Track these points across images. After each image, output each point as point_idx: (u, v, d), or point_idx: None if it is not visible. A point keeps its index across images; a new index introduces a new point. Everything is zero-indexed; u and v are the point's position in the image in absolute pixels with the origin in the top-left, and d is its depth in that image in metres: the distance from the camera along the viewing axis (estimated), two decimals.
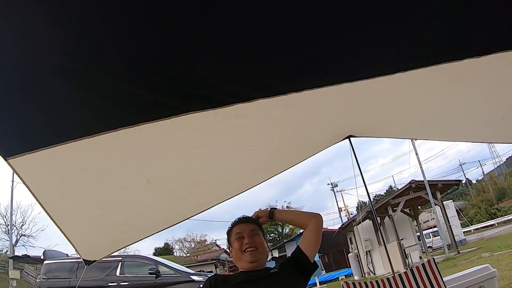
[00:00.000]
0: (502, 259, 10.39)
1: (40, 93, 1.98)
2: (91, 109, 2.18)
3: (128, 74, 2.01)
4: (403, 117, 3.66)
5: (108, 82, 2.02)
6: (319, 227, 2.31)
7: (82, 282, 10.35)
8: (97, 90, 2.06)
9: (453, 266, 12.30)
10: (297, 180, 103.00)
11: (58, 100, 2.06)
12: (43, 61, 1.82)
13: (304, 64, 2.21)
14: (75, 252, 3.83)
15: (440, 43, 2.26)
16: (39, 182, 2.65)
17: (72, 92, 2.03)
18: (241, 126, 2.83)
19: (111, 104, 2.19)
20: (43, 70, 1.86)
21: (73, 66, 1.87)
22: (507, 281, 6.76)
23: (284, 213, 2.52)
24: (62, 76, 1.91)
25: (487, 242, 19.67)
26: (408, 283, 3.45)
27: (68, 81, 1.96)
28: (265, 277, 2.12)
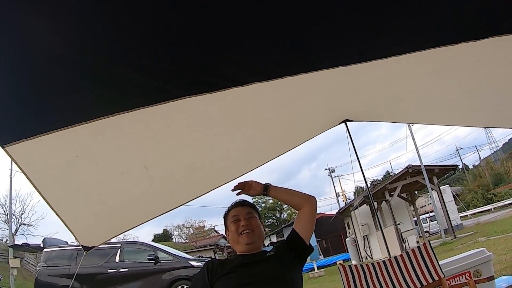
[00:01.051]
0: (498, 243, 10.48)
1: (36, 80, 1.98)
2: (87, 94, 2.18)
3: (124, 59, 2.01)
4: (399, 101, 3.67)
5: (104, 68, 2.03)
6: (314, 210, 2.32)
7: (81, 269, 10.42)
8: (93, 75, 2.07)
9: (449, 251, 12.41)
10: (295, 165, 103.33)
11: (54, 86, 2.06)
12: (40, 48, 1.82)
13: (300, 48, 2.21)
14: (74, 239, 3.85)
15: (435, 27, 2.26)
16: (37, 169, 2.66)
17: (67, 78, 2.03)
18: (237, 111, 2.84)
19: (107, 90, 2.19)
20: (39, 57, 1.86)
21: (69, 52, 1.87)
22: (502, 265, 6.82)
23: (279, 190, 2.48)
24: (58, 62, 1.91)
25: (484, 227, 19.81)
26: (404, 266, 3.48)
27: (64, 67, 1.96)
28: (262, 260, 2.13)
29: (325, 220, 30.04)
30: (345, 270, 3.43)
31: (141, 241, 15.44)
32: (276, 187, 2.43)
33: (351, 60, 2.41)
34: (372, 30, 2.20)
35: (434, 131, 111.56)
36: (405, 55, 2.43)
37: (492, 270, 4.71)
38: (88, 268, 11.15)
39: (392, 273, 3.45)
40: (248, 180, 2.41)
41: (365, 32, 2.21)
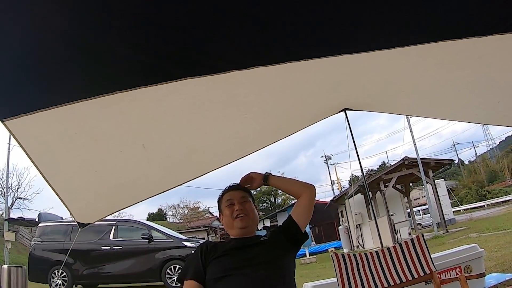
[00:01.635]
0: (490, 240, 10.56)
1: (38, 56, 1.98)
2: (88, 72, 2.18)
3: (127, 38, 2.00)
4: (399, 92, 3.67)
5: (106, 46, 2.02)
6: (312, 198, 2.34)
7: (76, 245, 10.49)
8: (95, 53, 2.06)
9: (441, 244, 12.51)
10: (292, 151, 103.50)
11: (55, 62, 2.05)
12: (43, 24, 1.81)
13: (303, 33, 2.20)
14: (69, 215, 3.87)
15: (440, 21, 2.25)
16: (35, 144, 2.66)
17: (69, 55, 2.02)
18: (237, 94, 2.83)
19: (109, 68, 2.18)
20: (42, 33, 1.85)
21: (72, 29, 1.86)
22: (493, 262, 6.88)
23: (278, 179, 2.53)
24: (60, 39, 1.91)
25: (476, 222, 19.94)
26: (396, 257, 3.51)
27: (66, 44, 1.95)
28: (255, 244, 2.15)
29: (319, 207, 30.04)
30: (338, 258, 3.46)
31: (136, 219, 15.52)
32: (276, 176, 2.47)
33: (354, 49, 2.40)
34: (376, 20, 2.19)
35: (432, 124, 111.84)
36: (408, 47, 2.42)
37: (483, 266, 4.77)
38: (82, 244, 11.24)
39: (384, 264, 3.48)
40: (249, 173, 2.44)
41: (369, 22, 2.20)
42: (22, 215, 28.64)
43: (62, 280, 11.46)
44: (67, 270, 11.45)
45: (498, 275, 5.30)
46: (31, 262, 11.48)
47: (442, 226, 19.17)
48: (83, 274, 11.57)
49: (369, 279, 3.39)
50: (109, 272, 11.64)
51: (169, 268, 11.30)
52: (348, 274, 3.39)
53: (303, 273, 11.72)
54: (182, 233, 18.46)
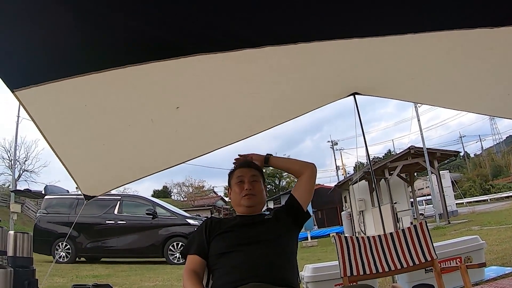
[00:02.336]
0: (491, 234, 10.56)
1: (49, 27, 1.98)
2: (100, 45, 2.18)
3: (139, 11, 2.00)
4: (409, 79, 3.64)
5: (118, 19, 2.02)
6: (313, 177, 2.37)
7: (80, 218, 10.59)
8: (107, 26, 2.06)
9: (442, 235, 12.53)
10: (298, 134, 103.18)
11: (67, 34, 2.06)
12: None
13: (316, 14, 2.18)
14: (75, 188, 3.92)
15: (454, 9, 2.22)
16: (45, 115, 2.68)
17: (80, 27, 2.03)
18: (248, 72, 2.83)
19: (120, 41, 2.18)
20: (54, 4, 1.85)
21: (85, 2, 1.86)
22: (493, 255, 6.89)
23: (279, 160, 2.57)
24: (72, 11, 1.91)
25: (478, 216, 19.93)
26: (399, 243, 3.52)
27: (78, 16, 1.95)
28: (260, 222, 2.19)
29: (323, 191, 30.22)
30: (340, 240, 3.48)
31: (141, 195, 15.65)
32: (276, 157, 2.50)
33: (367, 33, 2.38)
34: (390, 5, 2.17)
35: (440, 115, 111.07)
36: (421, 33, 2.40)
37: (483, 258, 4.78)
38: (87, 217, 11.38)
39: (386, 249, 3.50)
40: (248, 154, 2.48)
41: (383, 6, 2.18)
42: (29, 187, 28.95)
43: (65, 253, 11.65)
44: (71, 242, 11.63)
45: (498, 268, 5.33)
46: (35, 234, 11.57)
47: (444, 217, 19.18)
48: (86, 247, 11.75)
49: (370, 262, 3.41)
50: (112, 247, 11.82)
51: (172, 244, 11.44)
52: (349, 256, 3.42)
53: (304, 256, 11.82)
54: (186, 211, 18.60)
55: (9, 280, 4.22)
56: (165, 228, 11.77)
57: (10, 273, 4.27)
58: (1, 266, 4.22)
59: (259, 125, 3.89)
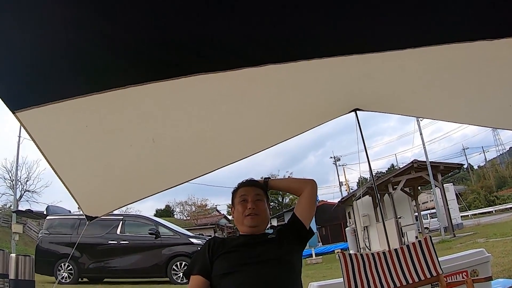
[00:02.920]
0: (497, 246, 10.48)
1: (51, 47, 1.99)
2: (100, 65, 2.19)
3: (141, 31, 2.00)
4: (410, 94, 3.64)
5: (120, 38, 2.03)
6: (314, 193, 2.35)
7: (83, 238, 10.58)
8: (108, 46, 2.07)
9: (448, 249, 12.44)
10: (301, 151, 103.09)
11: (68, 54, 2.06)
12: (55, 16, 1.81)
13: (316, 32, 2.20)
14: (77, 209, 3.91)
15: (453, 22, 2.23)
16: (46, 136, 2.67)
17: (81, 47, 2.03)
18: (249, 90, 2.83)
19: (121, 61, 2.19)
20: (55, 25, 1.86)
21: (85, 21, 1.87)
22: (500, 268, 6.83)
23: (278, 182, 2.57)
24: (73, 30, 1.91)
25: (484, 228, 19.82)
26: (404, 259, 3.49)
27: (79, 36, 1.96)
28: (263, 241, 2.16)
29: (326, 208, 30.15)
30: (345, 258, 3.45)
31: (143, 215, 15.60)
32: (275, 179, 2.50)
33: (366, 49, 2.39)
34: (389, 20, 2.18)
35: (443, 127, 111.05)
36: (420, 48, 2.40)
37: (490, 271, 4.72)
38: (89, 238, 11.33)
39: (391, 265, 3.46)
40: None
41: (382, 22, 2.19)
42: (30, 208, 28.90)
43: (68, 273, 11.57)
44: (74, 263, 11.56)
45: (505, 281, 5.25)
46: (38, 254, 11.58)
47: (449, 231, 19.07)
48: (89, 267, 11.68)
49: (375, 279, 3.38)
50: (115, 267, 11.73)
51: (175, 264, 11.36)
52: (354, 274, 3.39)
53: (309, 274, 11.71)
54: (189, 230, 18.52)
55: None
56: (168, 247, 11.70)
57: None
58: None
59: (261, 143, 3.88)
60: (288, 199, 54.29)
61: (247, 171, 16.46)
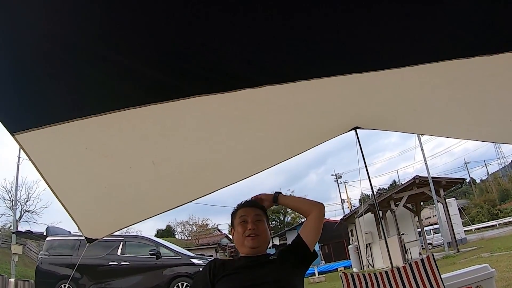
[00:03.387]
0: (502, 260, 10.38)
1: (49, 70, 1.99)
2: (99, 87, 2.19)
3: (139, 53, 2.01)
4: (410, 111, 3.64)
5: (117, 61, 2.03)
6: (321, 216, 2.32)
7: (83, 259, 10.47)
8: (106, 68, 2.08)
9: (452, 264, 12.32)
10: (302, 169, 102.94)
11: (67, 77, 2.07)
12: (54, 36, 1.82)
13: (314, 53, 2.20)
14: (78, 230, 3.88)
15: (451, 39, 2.24)
16: (45, 158, 2.68)
17: (80, 70, 2.04)
18: (248, 112, 2.84)
19: (120, 83, 2.19)
20: (53, 47, 1.87)
21: (83, 43, 1.88)
22: (505, 283, 6.76)
23: (288, 198, 2.53)
24: (71, 53, 1.92)
25: (488, 242, 19.67)
26: (406, 278, 3.46)
27: (77, 58, 1.96)
28: (264, 263, 2.14)
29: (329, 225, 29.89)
30: (347, 278, 3.42)
31: (144, 235, 15.51)
32: (285, 195, 2.47)
33: (364, 68, 2.39)
34: (387, 39, 2.19)
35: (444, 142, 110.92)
36: (419, 65, 2.40)
37: (494, 287, 4.67)
38: (89, 259, 11.24)
39: (394, 284, 3.43)
40: (258, 195, 2.44)
41: (380, 41, 2.19)
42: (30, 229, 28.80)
43: None
44: (74, 284, 11.43)
45: None
46: (38, 276, 11.50)
47: (453, 246, 18.91)
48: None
49: None
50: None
51: (177, 285, 11.23)
52: None
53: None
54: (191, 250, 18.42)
55: None
56: (169, 268, 11.59)
57: None
58: None
59: (261, 163, 3.88)
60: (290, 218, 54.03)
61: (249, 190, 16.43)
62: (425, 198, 21.25)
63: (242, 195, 2.42)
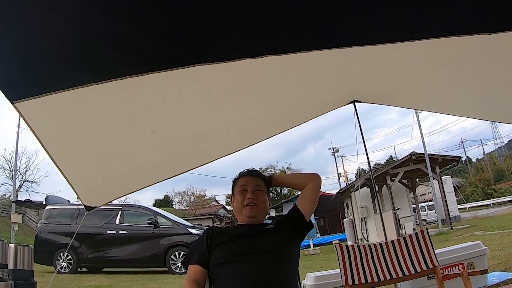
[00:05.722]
0: (494, 239, 10.53)
1: (49, 38, 1.99)
2: (99, 56, 2.18)
3: (138, 23, 2.00)
4: (408, 86, 3.64)
5: (117, 30, 2.02)
6: (317, 187, 2.36)
7: (82, 228, 10.61)
8: (107, 37, 2.06)
9: (445, 241, 12.49)
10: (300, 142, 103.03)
11: (67, 45, 2.06)
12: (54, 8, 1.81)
13: (316, 24, 2.19)
14: (77, 199, 3.92)
15: (452, 15, 2.22)
16: (45, 127, 2.68)
17: (80, 39, 2.03)
18: (248, 82, 2.84)
19: (120, 52, 2.19)
20: (54, 16, 1.86)
21: (83, 12, 1.87)
22: (496, 261, 6.86)
23: (282, 177, 2.57)
24: (71, 22, 1.91)
25: (481, 221, 19.88)
26: (400, 251, 3.52)
27: (78, 28, 1.96)
28: (261, 232, 2.18)
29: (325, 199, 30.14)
30: (342, 249, 3.48)
31: (142, 205, 15.63)
32: (280, 175, 2.49)
33: (365, 41, 2.38)
34: (388, 13, 2.17)
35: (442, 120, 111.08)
36: (419, 41, 2.40)
37: (486, 264, 4.76)
38: (88, 228, 11.37)
39: (387, 257, 3.49)
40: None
41: (381, 14, 2.18)
42: (30, 198, 28.94)
43: (67, 263, 11.63)
44: (73, 253, 11.61)
45: (501, 274, 5.29)
46: (37, 244, 11.61)
47: (447, 223, 19.14)
48: (88, 257, 11.74)
49: (372, 271, 3.41)
50: (114, 257, 11.79)
51: (174, 254, 11.42)
52: (351, 265, 3.41)
53: (306, 264, 11.78)
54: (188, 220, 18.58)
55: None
56: (166, 237, 11.75)
57: (11, 286, 4.26)
58: (2, 279, 4.21)
59: (259, 134, 3.90)
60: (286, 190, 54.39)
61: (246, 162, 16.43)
62: (420, 175, 21.38)
63: (240, 166, 2.44)
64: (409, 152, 19.81)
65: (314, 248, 19.75)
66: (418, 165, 19.20)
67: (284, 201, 41.79)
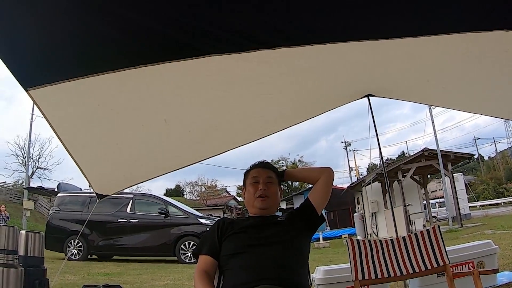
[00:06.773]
0: (504, 238, 10.40)
1: (64, 26, 1.99)
2: (114, 44, 2.19)
3: (155, 12, 1.99)
4: (423, 81, 3.60)
5: (133, 19, 2.02)
6: (330, 181, 2.34)
7: (93, 216, 10.68)
8: (123, 26, 2.07)
9: (455, 239, 12.40)
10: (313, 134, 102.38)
11: (82, 33, 2.07)
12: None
13: (332, 17, 2.17)
14: (88, 186, 3.96)
15: (471, 11, 2.19)
16: (58, 114, 2.70)
17: (96, 27, 2.03)
18: (262, 73, 2.82)
19: (135, 41, 2.19)
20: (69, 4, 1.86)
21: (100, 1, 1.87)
22: (506, 260, 6.78)
23: (295, 171, 2.57)
24: (86, 10, 1.91)
25: (491, 219, 19.69)
26: (411, 247, 3.49)
27: (93, 16, 1.96)
28: (272, 224, 2.17)
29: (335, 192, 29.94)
30: (353, 244, 3.46)
31: (153, 194, 15.71)
32: (292, 169, 2.48)
33: (381, 35, 2.36)
34: (405, 7, 2.15)
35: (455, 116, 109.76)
36: (436, 36, 2.37)
37: (496, 263, 4.70)
38: (99, 215, 11.45)
39: (398, 253, 3.46)
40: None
41: (399, 8, 2.15)
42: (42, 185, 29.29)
43: (77, 250, 11.75)
44: (83, 240, 11.72)
45: (511, 274, 5.23)
46: (48, 231, 11.71)
47: (457, 220, 18.99)
48: (98, 245, 11.85)
49: (382, 266, 3.39)
50: (124, 245, 11.88)
51: (184, 244, 11.46)
52: (361, 260, 3.40)
53: (316, 257, 11.76)
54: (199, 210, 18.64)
55: (20, 280, 4.25)
56: (177, 227, 11.79)
57: (21, 272, 4.30)
58: (12, 265, 4.26)
59: (273, 126, 3.88)
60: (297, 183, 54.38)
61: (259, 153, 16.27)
62: (432, 171, 21.21)
63: (252, 158, 2.44)
64: (421, 148, 19.66)
65: (324, 242, 19.78)
66: (430, 161, 19.03)
67: (295, 193, 41.79)
